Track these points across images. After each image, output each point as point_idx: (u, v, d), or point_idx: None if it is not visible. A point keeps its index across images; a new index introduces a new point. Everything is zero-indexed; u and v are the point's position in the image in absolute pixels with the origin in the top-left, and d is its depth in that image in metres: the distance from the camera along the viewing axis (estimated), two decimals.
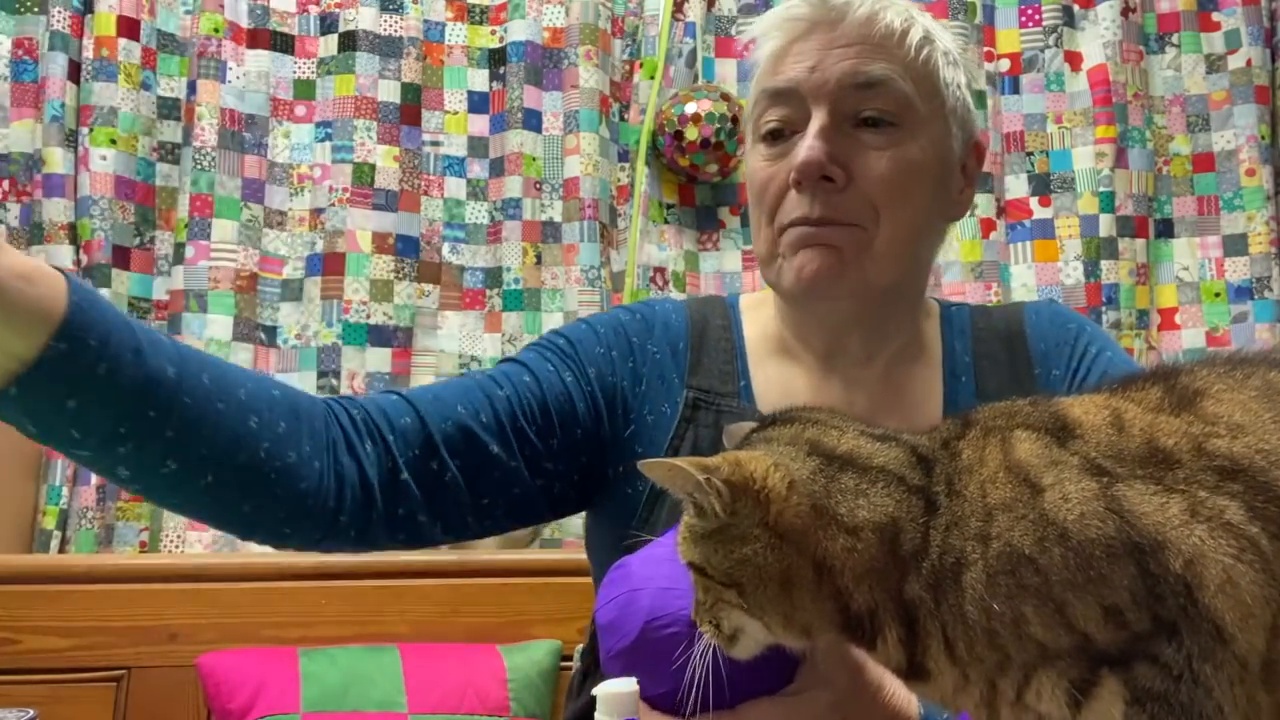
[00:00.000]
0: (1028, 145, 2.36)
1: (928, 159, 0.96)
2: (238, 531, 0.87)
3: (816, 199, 0.94)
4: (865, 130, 0.95)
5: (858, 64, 0.94)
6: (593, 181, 2.27)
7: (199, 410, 0.77)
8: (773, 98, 0.97)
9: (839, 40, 0.95)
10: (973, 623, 0.59)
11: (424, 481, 0.92)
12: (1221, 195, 2.32)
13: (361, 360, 2.16)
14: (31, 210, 2.10)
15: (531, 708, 1.77)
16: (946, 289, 2.25)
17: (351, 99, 2.22)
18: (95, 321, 0.71)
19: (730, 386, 1.02)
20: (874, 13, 0.96)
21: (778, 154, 0.97)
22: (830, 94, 0.94)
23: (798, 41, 0.97)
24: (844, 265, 0.94)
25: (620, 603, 0.75)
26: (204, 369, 0.79)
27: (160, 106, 2.21)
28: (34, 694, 1.71)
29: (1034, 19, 2.38)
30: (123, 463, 0.76)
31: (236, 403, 0.80)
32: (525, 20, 2.31)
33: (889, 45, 0.95)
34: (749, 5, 2.40)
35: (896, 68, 0.95)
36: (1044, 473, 0.60)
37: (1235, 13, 2.34)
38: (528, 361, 1.01)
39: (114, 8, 2.13)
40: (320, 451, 0.87)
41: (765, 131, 0.98)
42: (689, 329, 1.05)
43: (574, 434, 0.99)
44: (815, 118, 0.94)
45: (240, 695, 1.69)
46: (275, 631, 1.82)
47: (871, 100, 0.94)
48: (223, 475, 0.80)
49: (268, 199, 2.22)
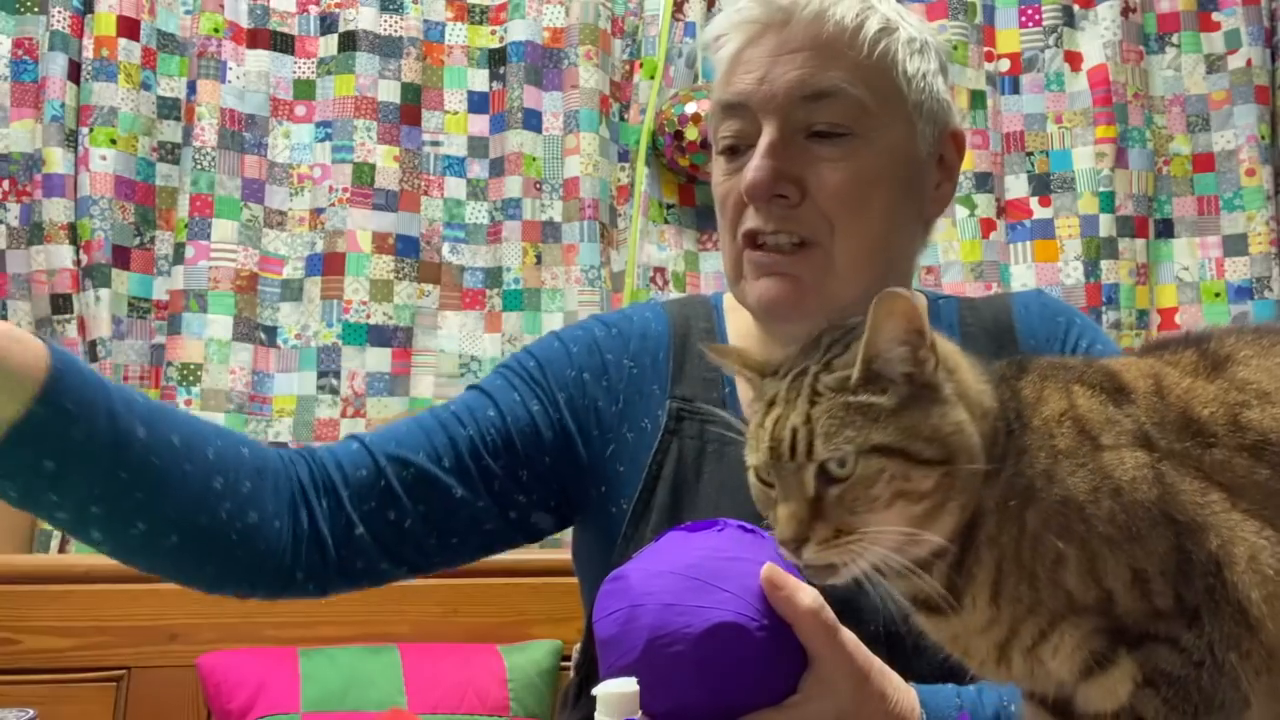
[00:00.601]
0: (1028, 145, 2.36)
1: (887, 163, 0.94)
2: (204, 588, 0.90)
3: (771, 214, 0.93)
4: (817, 142, 0.92)
5: (805, 74, 0.91)
6: (593, 181, 2.27)
7: (167, 471, 0.79)
8: (725, 110, 0.96)
9: (788, 45, 0.92)
10: (1024, 558, 0.60)
11: (381, 533, 0.92)
12: (1221, 195, 2.32)
13: (361, 360, 2.16)
14: (31, 210, 2.10)
15: (531, 708, 1.77)
16: (946, 289, 2.25)
17: (351, 99, 2.22)
18: (74, 386, 0.73)
19: (715, 393, 1.00)
20: (822, 9, 0.92)
21: (735, 168, 0.95)
22: (779, 107, 0.92)
23: (748, 47, 0.95)
24: (803, 291, 0.93)
25: (621, 618, 0.73)
26: (174, 429, 0.81)
27: (160, 106, 2.21)
28: (34, 694, 1.71)
29: (1034, 19, 2.38)
30: (95, 524, 0.79)
31: (204, 463, 0.82)
32: (525, 20, 2.31)
33: (839, 46, 0.92)
34: None
35: (846, 74, 0.92)
36: (1103, 430, 0.62)
37: (1235, 13, 2.34)
38: (493, 391, 0.99)
39: (114, 8, 2.13)
40: (281, 509, 0.88)
41: (723, 146, 0.97)
42: (671, 335, 1.03)
43: (543, 463, 0.98)
44: (765, 133, 0.92)
45: (240, 695, 1.70)
46: (275, 631, 1.82)
47: (822, 112, 0.92)
48: (187, 537, 0.82)
49: (268, 199, 2.22)
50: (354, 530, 0.91)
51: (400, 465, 0.93)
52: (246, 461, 0.86)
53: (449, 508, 0.94)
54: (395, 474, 0.93)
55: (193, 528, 0.82)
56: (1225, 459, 0.61)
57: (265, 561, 0.87)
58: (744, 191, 0.92)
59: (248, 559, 0.86)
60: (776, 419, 0.63)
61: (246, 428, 2.11)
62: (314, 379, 2.15)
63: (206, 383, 2.09)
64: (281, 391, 2.16)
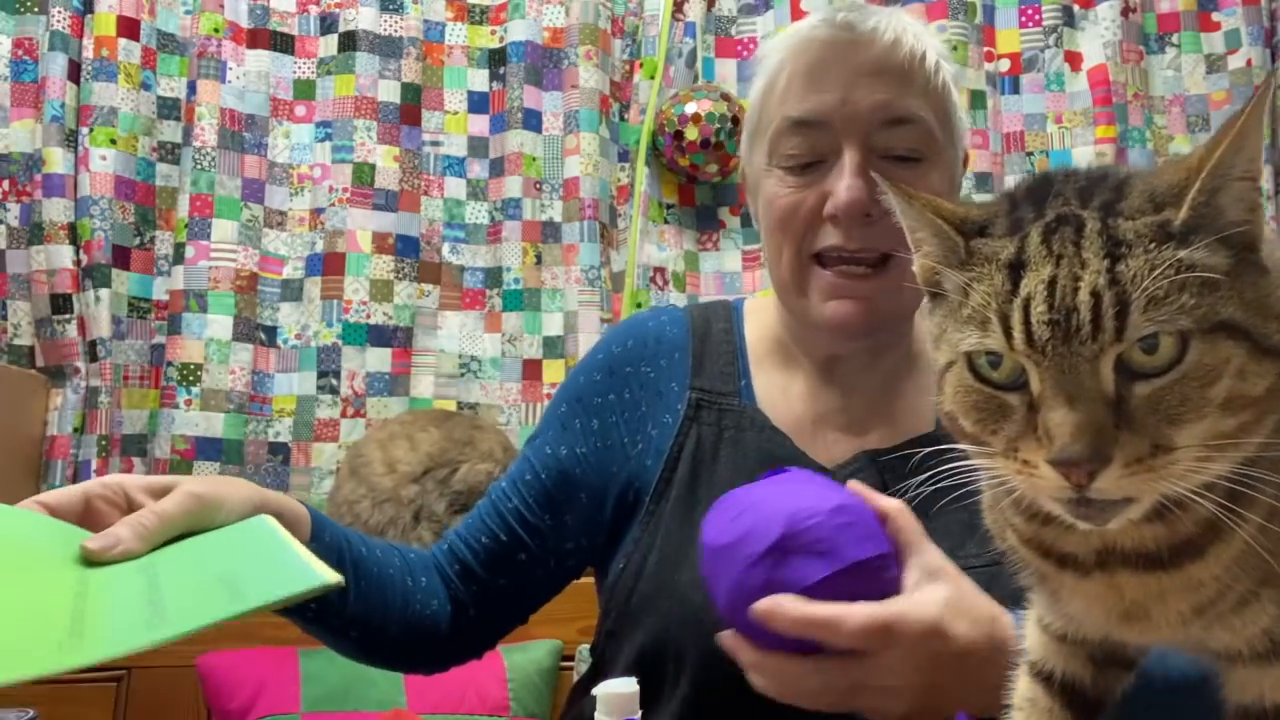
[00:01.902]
0: (1028, 145, 2.35)
1: (947, 187, 0.98)
2: (403, 669, 1.08)
3: (853, 232, 0.94)
4: (893, 165, 0.94)
5: (887, 98, 0.94)
6: (593, 181, 2.26)
7: (385, 577, 0.97)
8: (798, 126, 0.97)
9: (865, 68, 0.95)
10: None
11: (487, 605, 1.05)
12: None
13: (361, 360, 2.16)
14: (31, 210, 2.09)
15: (531, 708, 1.77)
16: None
17: (351, 99, 2.22)
18: (324, 523, 0.91)
19: (731, 386, 1.04)
20: (898, 37, 0.95)
21: (804, 182, 0.96)
22: (862, 130, 0.94)
23: (821, 66, 0.96)
24: (874, 313, 0.96)
25: (746, 517, 0.76)
26: (369, 544, 0.98)
27: (160, 106, 2.21)
28: (34, 694, 1.71)
29: (1034, 19, 2.38)
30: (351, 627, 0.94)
31: (399, 566, 0.99)
32: (525, 20, 2.31)
33: (913, 73, 0.95)
34: (749, 5, 2.40)
35: (920, 100, 0.95)
36: None
37: (1235, 13, 2.34)
38: (532, 454, 1.08)
39: (114, 8, 2.13)
40: (442, 597, 1.03)
41: (791, 161, 0.97)
42: (690, 335, 1.07)
43: (579, 499, 1.05)
44: (849, 152, 0.94)
45: (240, 695, 1.69)
46: (275, 631, 1.81)
47: (901, 137, 0.95)
48: (402, 629, 0.98)
49: (268, 199, 2.22)
50: (468, 611, 1.04)
51: (474, 552, 1.05)
52: (412, 560, 1.02)
53: (524, 569, 1.05)
54: (475, 560, 1.05)
55: (402, 620, 0.98)
56: None
57: (441, 639, 1.03)
58: (841, 207, 0.93)
59: (434, 639, 1.02)
60: (1051, 282, 0.45)
61: (246, 428, 2.11)
62: (314, 379, 2.15)
63: (206, 383, 2.09)
64: (281, 391, 2.16)
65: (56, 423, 2.04)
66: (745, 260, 2.32)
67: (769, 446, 0.99)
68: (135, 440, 2.08)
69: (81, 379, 2.05)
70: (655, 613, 0.95)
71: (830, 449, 1.00)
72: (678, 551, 0.97)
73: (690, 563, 0.94)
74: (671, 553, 0.97)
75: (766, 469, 0.91)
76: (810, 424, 1.02)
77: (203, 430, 2.08)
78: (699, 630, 0.90)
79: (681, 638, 0.92)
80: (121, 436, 2.06)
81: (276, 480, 2.11)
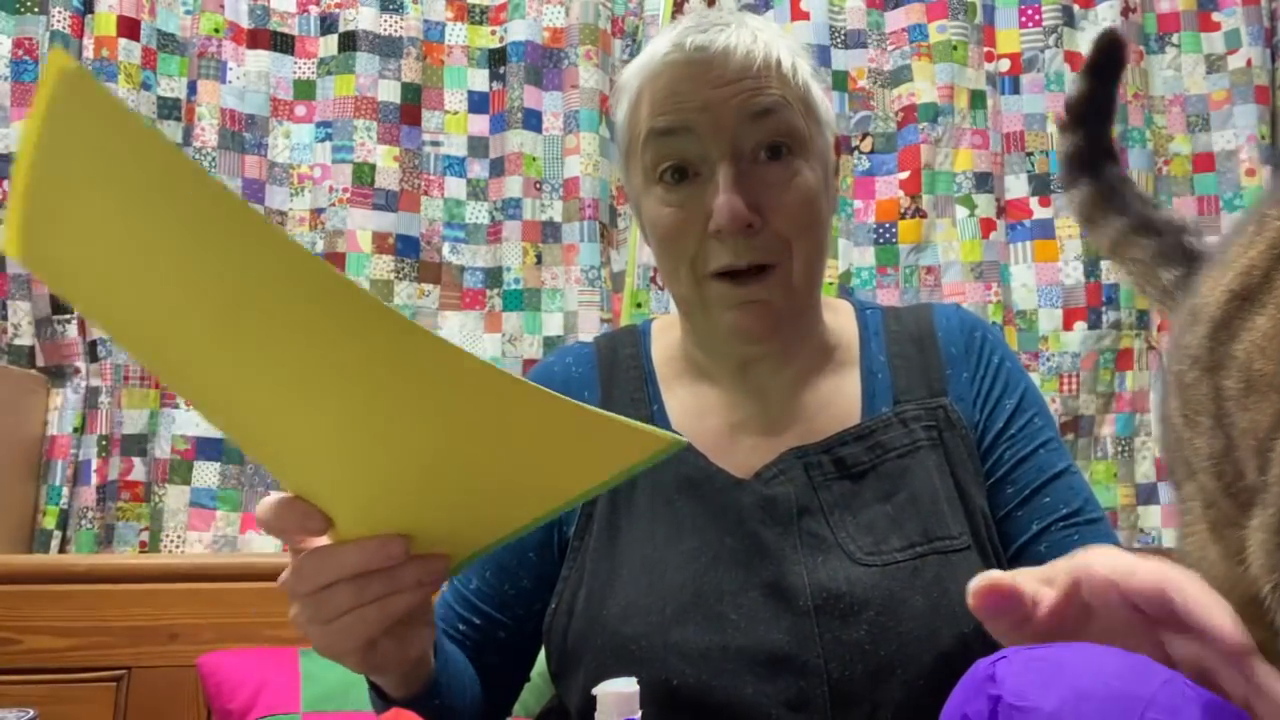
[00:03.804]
0: (1028, 145, 2.36)
1: (820, 176, 0.99)
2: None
3: (740, 246, 0.95)
4: (765, 166, 0.96)
5: (745, 97, 0.96)
6: (593, 181, 2.27)
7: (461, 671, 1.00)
8: (663, 135, 0.97)
9: (721, 79, 0.96)
10: None
11: (492, 684, 1.05)
12: (1221, 195, 2.32)
13: None
14: None
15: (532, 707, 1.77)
16: (947, 289, 2.25)
17: (351, 99, 2.22)
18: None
19: (643, 411, 1.04)
20: (749, 50, 0.97)
21: (683, 198, 0.98)
22: (728, 129, 0.95)
23: (678, 84, 0.98)
24: (773, 313, 0.98)
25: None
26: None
27: (160, 106, 2.21)
28: (34, 694, 1.71)
29: (1034, 19, 2.38)
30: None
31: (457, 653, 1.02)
32: (525, 20, 2.31)
33: (765, 75, 0.97)
34: (749, 5, 2.40)
35: (779, 91, 0.97)
36: None
37: (1235, 13, 2.34)
38: None
39: (114, 8, 2.13)
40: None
41: (665, 170, 0.98)
42: (597, 368, 1.08)
43: (529, 559, 1.04)
44: (722, 165, 0.95)
45: (240, 695, 1.69)
46: (275, 631, 1.82)
47: (767, 128, 0.96)
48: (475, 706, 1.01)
49: (268, 199, 2.22)
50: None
51: (458, 644, 1.05)
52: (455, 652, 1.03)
53: (508, 644, 1.06)
54: (463, 650, 1.04)
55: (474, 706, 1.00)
56: None
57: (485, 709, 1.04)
58: (722, 223, 0.94)
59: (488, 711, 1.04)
60: None
61: None
62: None
63: None
64: None
65: (56, 423, 2.04)
66: None
67: (684, 469, 0.99)
68: (135, 440, 2.08)
69: (82, 379, 2.05)
70: (590, 649, 0.95)
71: (750, 455, 1.01)
72: (604, 587, 0.97)
73: (616, 595, 0.95)
74: (598, 588, 0.97)
75: (683, 490, 0.93)
76: (728, 434, 1.03)
77: (203, 430, 2.09)
78: (631, 662, 0.90)
79: (616, 672, 0.92)
80: (121, 436, 2.06)
81: (276, 480, 2.11)
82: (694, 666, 0.90)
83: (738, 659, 0.90)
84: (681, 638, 0.91)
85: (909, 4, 2.35)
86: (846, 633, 0.89)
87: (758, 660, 0.89)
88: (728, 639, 0.90)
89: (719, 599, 0.92)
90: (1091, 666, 0.54)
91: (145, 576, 1.84)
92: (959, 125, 2.29)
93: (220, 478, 2.09)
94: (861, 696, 0.88)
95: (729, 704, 0.89)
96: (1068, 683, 0.54)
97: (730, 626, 0.91)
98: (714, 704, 0.89)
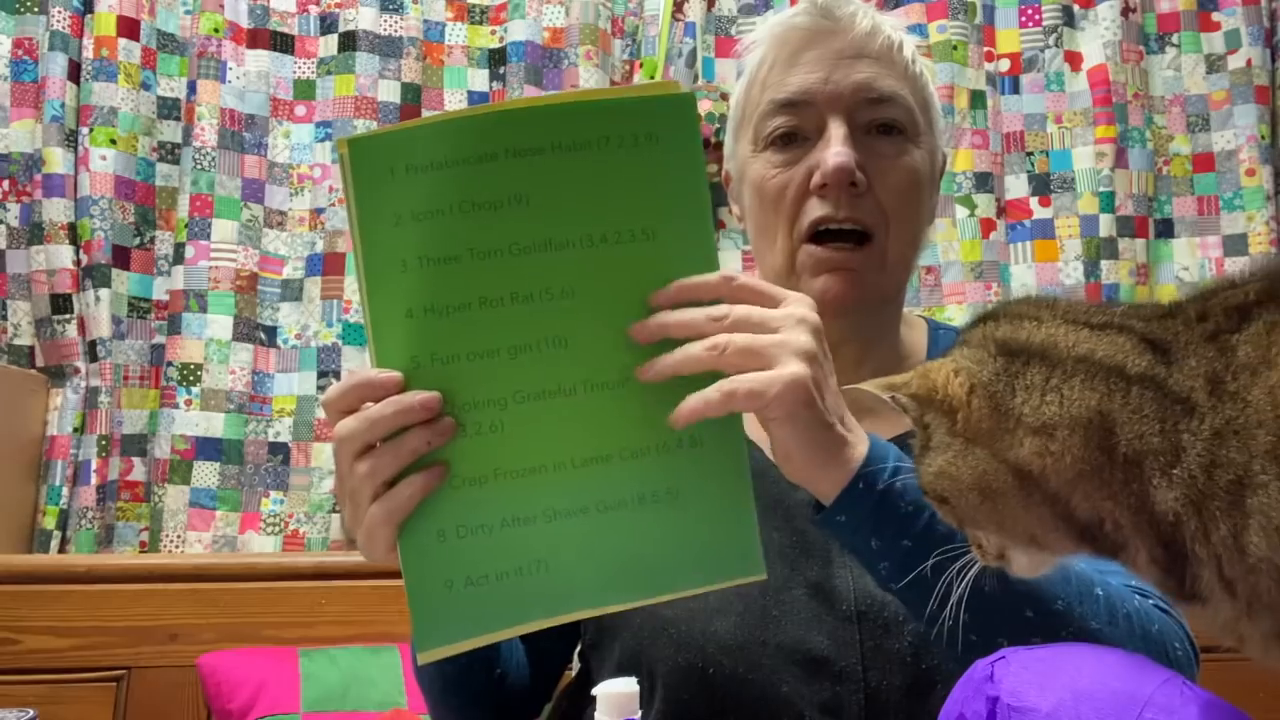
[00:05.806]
0: (1028, 145, 2.35)
1: (927, 168, 1.00)
2: None
3: (841, 201, 0.95)
4: (877, 139, 0.97)
5: (869, 77, 0.96)
6: None
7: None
8: (784, 107, 0.98)
9: (845, 51, 0.97)
10: (1258, 560, 0.48)
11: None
12: (1221, 195, 2.32)
13: (361, 360, 2.15)
14: (31, 210, 2.10)
15: None
16: (946, 289, 2.25)
17: (351, 99, 2.22)
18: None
19: None
20: (876, 26, 0.98)
21: (791, 159, 0.98)
22: (846, 105, 0.96)
23: (803, 51, 0.98)
24: (861, 286, 0.97)
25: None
26: None
27: (160, 106, 2.21)
28: (34, 694, 1.71)
29: (1034, 19, 2.38)
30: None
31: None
32: (525, 20, 2.31)
33: (891, 58, 0.98)
34: (749, 5, 2.40)
35: (901, 83, 0.98)
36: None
37: (1235, 13, 2.34)
38: None
39: (114, 8, 2.13)
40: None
41: (776, 136, 0.98)
42: None
43: None
44: (834, 124, 0.96)
45: (240, 695, 1.69)
46: (275, 631, 1.82)
47: (884, 112, 0.97)
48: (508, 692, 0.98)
49: (268, 199, 2.22)
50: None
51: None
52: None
53: (533, 647, 1.04)
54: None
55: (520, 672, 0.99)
56: None
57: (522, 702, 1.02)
58: (828, 173, 0.94)
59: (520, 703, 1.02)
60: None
61: (246, 428, 2.11)
62: (314, 379, 2.15)
63: (206, 383, 2.09)
64: (281, 392, 2.16)
65: (56, 423, 2.04)
66: (745, 260, 2.32)
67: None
68: (135, 440, 2.08)
69: (81, 379, 2.05)
70: (629, 626, 0.94)
71: None
72: None
73: None
74: None
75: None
76: None
77: (203, 430, 2.09)
78: (668, 644, 0.90)
79: (652, 653, 0.91)
80: (121, 436, 2.06)
81: (276, 480, 2.12)
82: (731, 657, 0.89)
83: (776, 655, 0.89)
84: (722, 627, 0.90)
85: (909, 4, 2.35)
86: (889, 642, 0.88)
87: (795, 660, 0.89)
88: (768, 634, 0.90)
89: (762, 593, 0.91)
90: (1089, 667, 0.56)
91: (145, 576, 1.84)
92: (959, 125, 2.29)
93: (220, 478, 2.09)
94: (898, 708, 0.87)
95: (762, 699, 0.88)
96: (1065, 683, 0.55)
97: (771, 623, 0.90)
98: (747, 697, 0.89)
